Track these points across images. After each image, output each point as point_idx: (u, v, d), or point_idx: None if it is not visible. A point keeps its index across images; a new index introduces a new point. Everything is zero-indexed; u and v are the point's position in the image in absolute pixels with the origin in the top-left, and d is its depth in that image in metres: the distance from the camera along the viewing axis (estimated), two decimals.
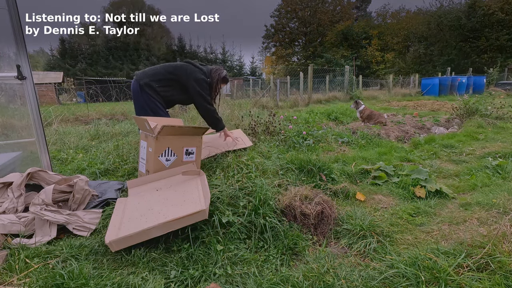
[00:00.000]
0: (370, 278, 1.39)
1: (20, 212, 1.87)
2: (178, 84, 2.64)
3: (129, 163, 2.97)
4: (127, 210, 1.81)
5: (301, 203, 1.97)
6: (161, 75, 2.59)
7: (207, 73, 2.72)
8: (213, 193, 1.92)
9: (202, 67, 2.74)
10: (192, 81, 2.59)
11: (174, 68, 2.64)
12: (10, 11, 2.12)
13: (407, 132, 5.39)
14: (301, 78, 13.43)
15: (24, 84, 2.27)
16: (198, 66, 2.71)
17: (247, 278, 1.43)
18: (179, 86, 2.65)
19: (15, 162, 2.42)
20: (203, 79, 2.64)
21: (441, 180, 2.90)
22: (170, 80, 2.62)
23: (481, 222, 1.86)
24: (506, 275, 1.28)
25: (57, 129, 5.13)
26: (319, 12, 39.31)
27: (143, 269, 1.47)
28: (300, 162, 2.62)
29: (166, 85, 2.61)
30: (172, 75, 2.61)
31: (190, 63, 2.72)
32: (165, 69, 2.64)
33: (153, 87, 2.55)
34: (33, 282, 1.32)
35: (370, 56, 33.31)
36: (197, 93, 2.61)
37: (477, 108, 6.07)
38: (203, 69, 2.71)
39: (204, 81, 2.65)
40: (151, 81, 2.56)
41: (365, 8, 44.08)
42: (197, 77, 2.61)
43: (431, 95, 15.46)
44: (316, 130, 4.61)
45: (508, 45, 23.70)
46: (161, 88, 2.59)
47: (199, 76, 2.63)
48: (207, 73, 2.72)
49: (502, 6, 23.86)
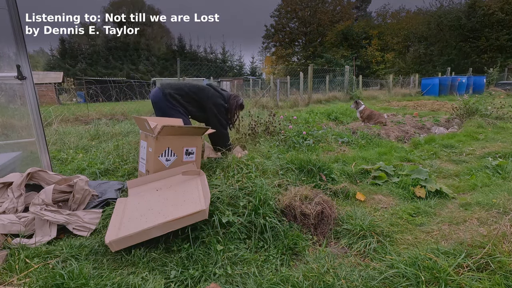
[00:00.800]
0: (370, 278, 1.39)
1: (20, 212, 1.87)
2: (198, 104, 2.85)
3: (129, 163, 2.97)
4: (127, 210, 1.81)
5: (301, 203, 1.97)
6: (184, 91, 2.81)
7: (226, 99, 2.94)
8: (213, 193, 1.92)
9: (223, 92, 2.98)
10: (211, 104, 2.82)
11: (197, 89, 2.87)
12: (10, 11, 2.12)
13: (407, 132, 5.39)
14: (301, 78, 13.43)
15: (24, 84, 2.27)
16: (219, 91, 2.95)
17: (247, 278, 1.43)
18: (198, 105, 2.86)
19: (15, 162, 2.42)
20: (221, 105, 2.88)
21: (441, 180, 2.90)
22: (192, 98, 2.82)
23: (481, 222, 1.86)
24: (506, 275, 1.28)
25: (57, 129, 5.13)
26: (319, 12, 39.30)
27: (143, 269, 1.47)
28: (300, 162, 2.62)
29: (188, 101, 2.81)
30: (194, 95, 2.83)
31: (212, 87, 2.94)
32: (189, 88, 2.85)
33: (177, 98, 2.75)
34: (33, 282, 1.32)
35: (370, 56, 33.31)
36: (214, 116, 2.83)
37: (477, 108, 6.07)
38: (223, 94, 2.95)
39: (222, 106, 2.89)
40: (175, 93, 2.75)
41: (365, 8, 44.10)
42: (216, 102, 2.84)
43: (431, 95, 15.46)
44: (316, 130, 4.61)
45: (508, 45, 23.70)
46: (185, 102, 2.79)
47: (219, 101, 2.87)
48: (226, 99, 2.94)
49: (502, 6, 23.85)
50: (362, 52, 33.64)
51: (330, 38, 36.70)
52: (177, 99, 2.73)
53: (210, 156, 2.87)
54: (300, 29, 41.16)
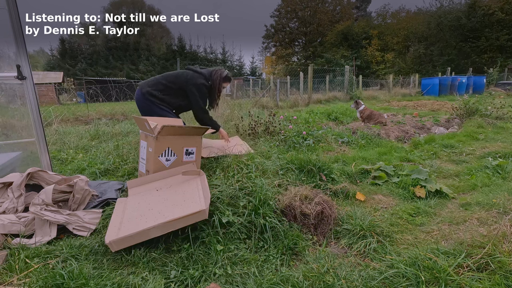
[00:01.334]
0: (370, 278, 1.39)
1: (20, 212, 1.87)
2: (180, 92, 2.69)
3: (129, 163, 2.97)
4: (127, 210, 1.81)
5: (301, 203, 1.97)
6: (161, 85, 2.65)
7: (207, 76, 2.74)
8: (213, 193, 1.92)
9: (203, 70, 2.78)
10: (191, 86, 2.65)
11: (175, 77, 2.69)
12: (10, 11, 2.12)
13: (407, 132, 5.39)
14: (301, 78, 13.44)
15: (24, 84, 2.27)
16: (198, 70, 2.75)
17: (247, 278, 1.43)
18: (181, 93, 2.70)
19: (15, 162, 2.42)
20: (202, 84, 2.68)
21: (441, 180, 2.90)
22: (171, 89, 2.67)
23: (481, 222, 1.86)
24: (506, 275, 1.28)
25: (57, 129, 5.13)
26: (319, 12, 39.29)
27: (143, 269, 1.47)
28: (300, 162, 2.62)
29: (169, 93, 2.66)
30: (173, 84, 2.66)
31: (190, 69, 2.76)
32: (166, 79, 2.69)
33: (155, 95, 2.60)
34: (33, 282, 1.32)
35: (370, 56, 33.29)
36: (195, 98, 2.67)
37: (477, 108, 6.08)
38: (203, 72, 2.75)
39: (203, 85, 2.69)
40: (152, 90, 2.61)
41: (365, 8, 44.07)
42: (196, 83, 2.66)
43: (431, 95, 15.46)
44: (316, 130, 4.61)
45: (508, 45, 23.69)
46: (165, 96, 2.65)
47: (199, 81, 2.67)
48: (207, 76, 2.74)
49: (502, 6, 23.85)
50: (362, 52, 33.62)
51: (330, 38, 36.68)
52: (155, 95, 2.60)
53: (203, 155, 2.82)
54: (300, 29, 41.15)
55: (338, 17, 39.67)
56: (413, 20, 32.00)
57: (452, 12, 26.48)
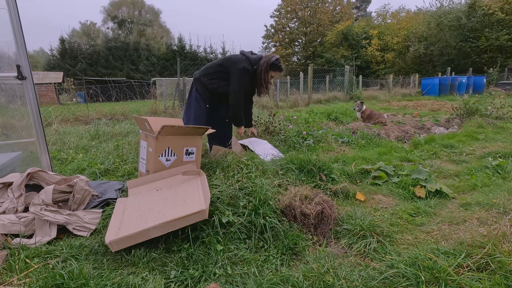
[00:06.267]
0: (370, 278, 1.39)
1: (20, 212, 1.87)
2: (225, 75, 2.64)
3: (129, 163, 2.97)
4: (127, 210, 1.81)
5: (301, 203, 1.97)
6: (211, 68, 2.68)
7: (253, 62, 2.64)
8: (213, 193, 1.92)
9: (254, 56, 2.70)
10: (234, 69, 2.59)
11: (224, 59, 2.71)
12: (10, 11, 2.12)
13: (407, 132, 5.39)
14: (301, 78, 13.43)
15: (24, 84, 2.27)
16: (247, 55, 2.68)
17: (247, 278, 1.43)
18: (225, 77, 2.65)
19: (15, 162, 2.42)
20: (244, 68, 2.57)
21: (441, 180, 2.90)
22: (218, 72, 2.66)
23: (481, 222, 1.86)
24: (506, 275, 1.28)
25: (57, 129, 5.14)
26: (319, 12, 39.26)
27: (143, 269, 1.47)
28: (300, 162, 2.62)
29: (214, 77, 2.66)
30: (221, 67, 2.67)
31: (242, 53, 2.72)
32: (216, 62, 2.72)
33: (201, 81, 2.63)
34: (33, 282, 1.32)
35: (370, 56, 33.26)
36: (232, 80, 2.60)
37: (477, 108, 6.08)
38: (251, 57, 2.66)
39: (246, 70, 2.58)
40: (201, 75, 2.65)
41: (365, 8, 44.12)
42: (238, 67, 2.57)
43: (431, 95, 15.47)
44: (316, 130, 4.61)
45: (508, 45, 23.65)
46: (208, 81, 2.64)
47: (242, 65, 2.56)
48: (253, 62, 2.64)
49: (502, 6, 23.82)
50: (362, 52, 33.58)
51: (330, 38, 36.64)
52: (201, 81, 2.61)
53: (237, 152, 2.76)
54: (300, 29, 41.12)
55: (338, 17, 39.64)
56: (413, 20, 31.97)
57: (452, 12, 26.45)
